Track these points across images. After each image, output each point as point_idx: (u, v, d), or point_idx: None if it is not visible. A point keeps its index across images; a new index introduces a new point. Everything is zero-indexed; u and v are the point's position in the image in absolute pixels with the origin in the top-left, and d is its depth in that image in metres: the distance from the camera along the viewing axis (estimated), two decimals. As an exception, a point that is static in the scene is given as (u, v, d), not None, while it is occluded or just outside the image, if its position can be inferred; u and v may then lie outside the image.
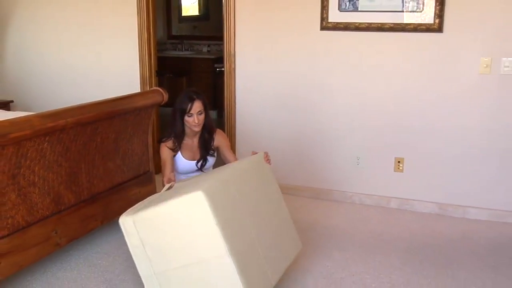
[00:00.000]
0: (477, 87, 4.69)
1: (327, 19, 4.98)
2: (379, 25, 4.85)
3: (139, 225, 3.06)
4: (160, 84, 5.46)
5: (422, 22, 4.72)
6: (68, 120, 3.45)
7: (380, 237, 4.46)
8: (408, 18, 4.76)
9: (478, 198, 4.89)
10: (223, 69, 5.50)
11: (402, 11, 4.76)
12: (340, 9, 4.93)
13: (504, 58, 4.57)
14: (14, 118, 3.24)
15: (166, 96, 4.38)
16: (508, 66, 4.57)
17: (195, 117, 3.87)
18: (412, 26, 4.76)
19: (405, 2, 4.73)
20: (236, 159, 4.18)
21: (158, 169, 5.73)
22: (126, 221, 3.10)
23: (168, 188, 3.55)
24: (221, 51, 5.53)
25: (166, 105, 4.58)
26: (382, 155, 5.10)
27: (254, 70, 5.33)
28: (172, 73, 8.54)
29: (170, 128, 4.03)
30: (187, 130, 4.00)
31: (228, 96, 5.46)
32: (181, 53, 9.26)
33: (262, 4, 5.16)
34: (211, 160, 4.15)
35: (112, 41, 5.77)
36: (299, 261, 3.83)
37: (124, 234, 3.12)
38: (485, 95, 4.69)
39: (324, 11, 4.97)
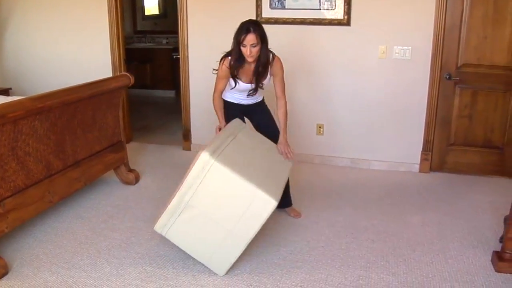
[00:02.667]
0: (377, 68, 4.84)
1: (261, 15, 5.02)
2: (302, 19, 4.91)
3: (213, 170, 2.88)
4: (128, 70, 5.42)
5: (335, 18, 4.81)
6: (53, 101, 3.42)
7: (308, 186, 4.58)
8: (324, 15, 4.84)
9: (379, 153, 5.07)
10: (179, 56, 5.49)
11: (320, 9, 4.84)
12: (271, 7, 4.99)
13: (395, 46, 4.73)
14: (10, 101, 3.20)
15: (132, 79, 4.34)
16: (398, 53, 4.73)
17: (248, 48, 3.37)
18: (327, 21, 4.85)
19: (322, 2, 4.81)
20: (283, 91, 3.68)
21: (129, 138, 5.80)
22: (207, 159, 2.89)
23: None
24: (177, 42, 5.53)
25: (133, 86, 4.58)
26: (306, 122, 5.20)
27: (204, 57, 5.33)
28: (138, 61, 8.50)
29: (232, 53, 3.53)
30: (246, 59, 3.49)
31: (183, 78, 5.47)
32: (145, 45, 9.12)
33: (209, 5, 5.17)
34: (265, 85, 3.67)
35: (89, 36, 5.68)
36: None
37: (196, 164, 2.91)
38: (383, 74, 4.84)
39: (259, 9, 5.02)
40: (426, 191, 4.50)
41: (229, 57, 3.53)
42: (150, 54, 8.84)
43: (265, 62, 3.52)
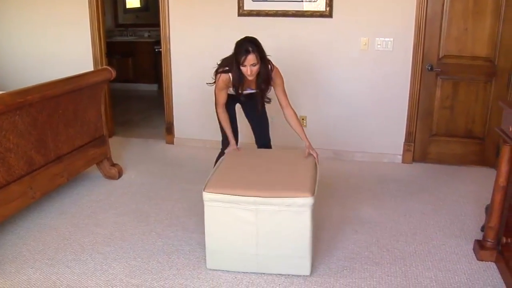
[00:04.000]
0: (359, 60, 4.85)
1: (243, 7, 5.00)
2: (284, 11, 4.90)
3: (302, 214, 2.85)
4: (110, 64, 5.37)
5: (317, 10, 4.81)
6: (34, 96, 3.38)
7: (289, 178, 4.61)
8: (306, 7, 4.83)
9: (361, 145, 5.09)
10: (161, 49, 5.46)
11: (302, 1, 4.83)
12: (253, -1, 4.99)
13: (377, 38, 4.75)
14: (-11, 97, 3.16)
15: (114, 73, 4.31)
16: (380, 44, 4.75)
17: (248, 68, 3.37)
18: (309, 13, 4.84)
19: (304, -6, 4.82)
20: (287, 100, 3.70)
21: (111, 133, 5.76)
22: (308, 204, 2.82)
23: None
24: (159, 35, 5.50)
25: (115, 80, 4.55)
26: (289, 115, 5.23)
27: (186, 50, 5.32)
28: (120, 55, 8.44)
29: (230, 67, 3.49)
30: None
31: (166, 72, 5.43)
32: (126, 38, 9.04)
33: (190, -3, 5.17)
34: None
35: (69, 30, 5.61)
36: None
37: (298, 198, 2.82)
38: (365, 66, 4.85)
39: (240, 1, 4.99)
40: (409, 182, 4.53)
41: (229, 74, 3.51)
42: (132, 48, 8.77)
43: (266, 78, 3.55)
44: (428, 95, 4.83)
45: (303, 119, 5.16)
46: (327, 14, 4.80)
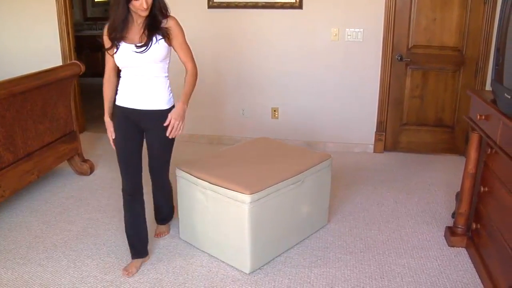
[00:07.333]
0: (330, 51, 4.88)
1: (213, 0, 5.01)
2: (254, 3, 4.91)
3: (245, 209, 2.80)
4: (79, 59, 5.29)
5: (287, 1, 4.82)
6: (0, 92, 3.31)
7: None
8: (276, -2, 4.85)
9: (333, 135, 5.13)
10: (131, 43, 5.42)
11: (272, -8, 4.83)
12: (223, -9, 4.95)
13: (347, 29, 4.78)
14: (-47, 94, 3.11)
15: (83, 68, 4.26)
16: (350, 35, 4.79)
17: (143, 0, 2.60)
18: (279, 4, 4.85)
19: (273, -15, 4.80)
20: (189, 54, 2.93)
21: (82, 128, 5.68)
22: (245, 200, 2.78)
23: None
24: (129, 29, 5.45)
25: (84, 75, 4.48)
26: (261, 106, 5.21)
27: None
28: (89, 49, 8.30)
29: (112, 15, 2.78)
30: (133, 16, 2.73)
31: (137, 66, 5.40)
32: (95, 32, 8.91)
33: (159, -11, 5.10)
34: (161, 51, 2.80)
35: (36, 25, 5.49)
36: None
37: (236, 193, 2.81)
38: (335, 57, 4.89)
39: (210, -7, 4.98)
40: (381, 171, 4.59)
41: (107, 26, 2.85)
42: (101, 42, 8.63)
43: (160, 8, 2.73)
44: (398, 85, 4.89)
45: (275, 110, 5.17)
46: (297, 5, 4.81)
